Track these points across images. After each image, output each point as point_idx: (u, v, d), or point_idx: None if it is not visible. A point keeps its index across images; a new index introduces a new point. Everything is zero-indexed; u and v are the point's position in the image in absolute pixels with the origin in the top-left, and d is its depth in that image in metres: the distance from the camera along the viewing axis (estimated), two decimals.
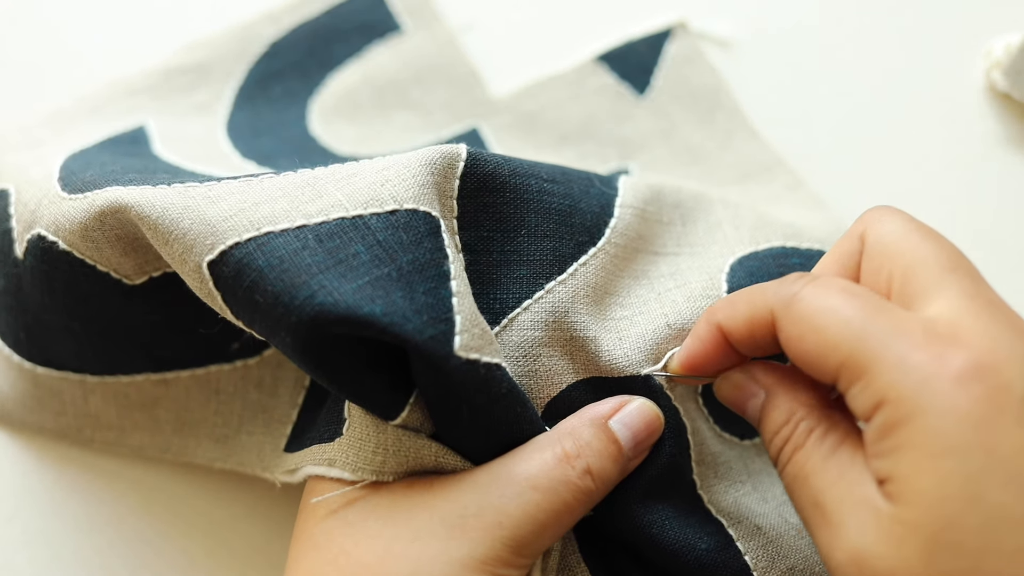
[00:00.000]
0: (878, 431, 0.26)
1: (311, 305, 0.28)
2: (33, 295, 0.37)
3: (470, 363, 0.29)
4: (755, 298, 0.30)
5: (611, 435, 0.31)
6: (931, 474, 0.24)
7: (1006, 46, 0.49)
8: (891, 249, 0.29)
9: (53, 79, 0.48)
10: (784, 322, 0.29)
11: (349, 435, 0.32)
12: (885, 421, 0.26)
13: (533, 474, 0.30)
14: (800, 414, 0.30)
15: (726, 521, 0.34)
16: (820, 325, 0.27)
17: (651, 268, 0.37)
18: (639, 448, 0.32)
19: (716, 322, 0.31)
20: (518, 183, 0.35)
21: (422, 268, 0.30)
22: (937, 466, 0.24)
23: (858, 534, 0.26)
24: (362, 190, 0.32)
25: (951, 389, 0.24)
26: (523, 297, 0.34)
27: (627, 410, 0.32)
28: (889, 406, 0.25)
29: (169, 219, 0.31)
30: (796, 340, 0.28)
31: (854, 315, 0.27)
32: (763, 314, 0.29)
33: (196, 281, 0.31)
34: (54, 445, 0.41)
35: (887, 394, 0.25)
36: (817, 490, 0.27)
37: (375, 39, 0.50)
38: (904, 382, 0.25)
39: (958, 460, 0.24)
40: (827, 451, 0.28)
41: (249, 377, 0.39)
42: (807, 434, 0.29)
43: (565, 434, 0.31)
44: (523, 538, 0.29)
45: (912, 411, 0.25)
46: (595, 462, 0.30)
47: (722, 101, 0.50)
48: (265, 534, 0.40)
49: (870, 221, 0.31)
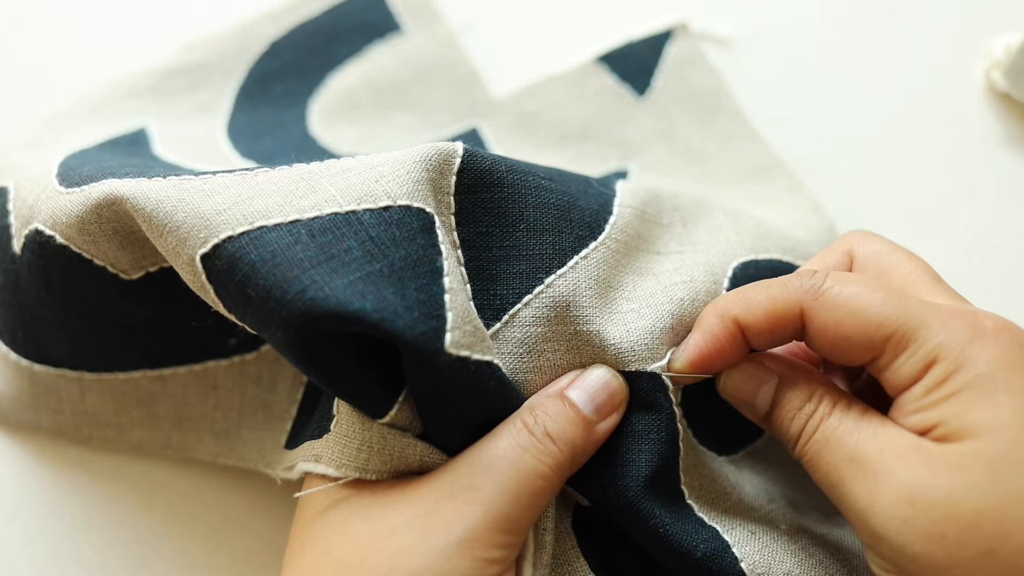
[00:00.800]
0: (927, 387, 0.29)
1: (302, 300, 0.28)
2: (30, 291, 0.37)
3: (460, 360, 0.29)
4: (775, 292, 0.32)
5: (568, 400, 0.32)
6: (988, 408, 0.28)
7: (1006, 46, 0.49)
8: (885, 262, 0.33)
9: (53, 79, 0.48)
10: (817, 311, 0.31)
11: (336, 432, 0.32)
12: (938, 376, 0.29)
13: (498, 446, 0.30)
14: (821, 391, 0.32)
15: (720, 528, 0.34)
16: (858, 307, 0.30)
17: (655, 265, 0.37)
18: (601, 412, 0.32)
19: (732, 316, 0.32)
20: (515, 179, 0.34)
21: (414, 264, 0.30)
22: (993, 401, 0.28)
23: (908, 474, 0.28)
24: (356, 186, 0.31)
25: (992, 343, 0.28)
26: (523, 292, 0.33)
27: (583, 378, 0.33)
28: (941, 363, 0.29)
29: (163, 211, 0.31)
30: (833, 326, 0.30)
31: (888, 296, 0.30)
32: (787, 306, 0.31)
33: (190, 274, 0.31)
34: (53, 444, 0.41)
35: (938, 353, 0.29)
36: (854, 446, 0.29)
37: (375, 39, 0.50)
38: (951, 341, 0.29)
39: (1010, 396, 0.28)
40: (856, 416, 0.30)
41: (247, 373, 0.39)
42: (832, 405, 0.31)
43: (524, 408, 0.32)
44: (500, 511, 0.29)
45: (963, 362, 0.28)
46: (552, 425, 0.31)
47: (722, 103, 0.49)
48: (265, 534, 0.40)
49: (856, 241, 0.35)
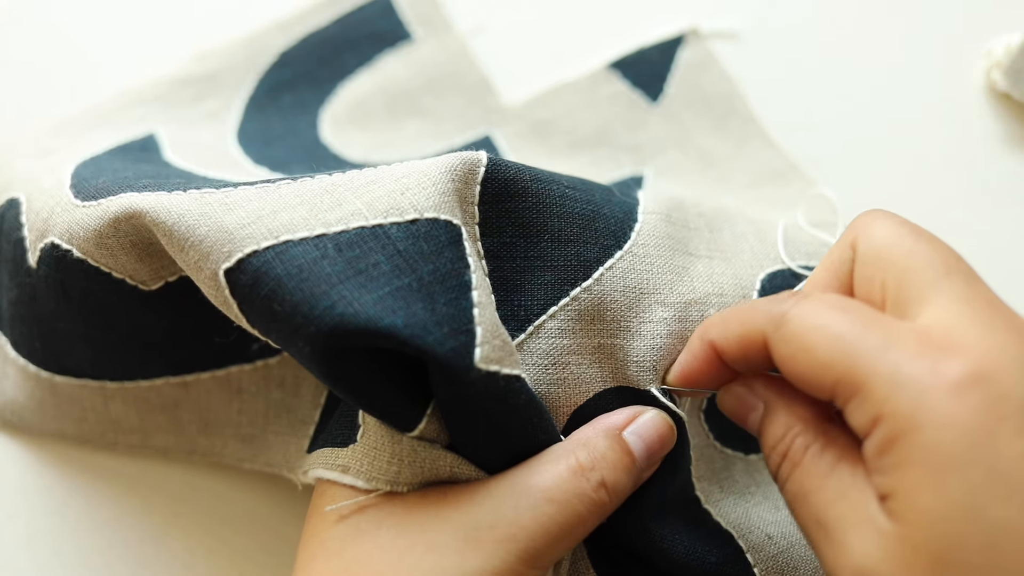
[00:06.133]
0: (877, 447, 0.24)
1: (331, 316, 0.27)
2: (48, 304, 0.35)
3: (490, 375, 0.28)
4: (746, 317, 0.28)
5: (625, 446, 0.30)
6: (932, 491, 0.23)
7: (1006, 46, 0.48)
8: (883, 256, 0.27)
9: (62, 88, 0.47)
10: (776, 343, 0.27)
11: (364, 443, 0.30)
12: (883, 437, 0.24)
13: (548, 486, 0.28)
14: (797, 429, 0.28)
15: (735, 533, 0.33)
16: (811, 344, 0.26)
17: (690, 267, 0.35)
18: (652, 460, 0.31)
19: (709, 339, 0.30)
20: (539, 188, 0.33)
21: (443, 278, 0.28)
22: (937, 482, 0.23)
23: (862, 554, 0.24)
24: (382, 199, 0.30)
25: (948, 401, 0.23)
26: (549, 303, 0.32)
27: (641, 421, 0.31)
28: (886, 422, 0.24)
29: (185, 226, 0.29)
30: (789, 360, 0.26)
31: (845, 331, 0.25)
32: (755, 334, 0.28)
33: (212, 289, 0.29)
34: (53, 444, 0.39)
35: (883, 409, 0.24)
36: (818, 508, 0.26)
37: (386, 48, 0.48)
38: (900, 396, 0.23)
39: (958, 475, 0.22)
40: (826, 468, 0.26)
41: (271, 376, 0.37)
42: (803, 450, 0.27)
43: (579, 445, 0.29)
44: (536, 550, 0.27)
45: (909, 426, 0.23)
46: (609, 475, 0.29)
47: (736, 107, 0.48)
48: (265, 534, 0.38)
49: (860, 227, 0.29)
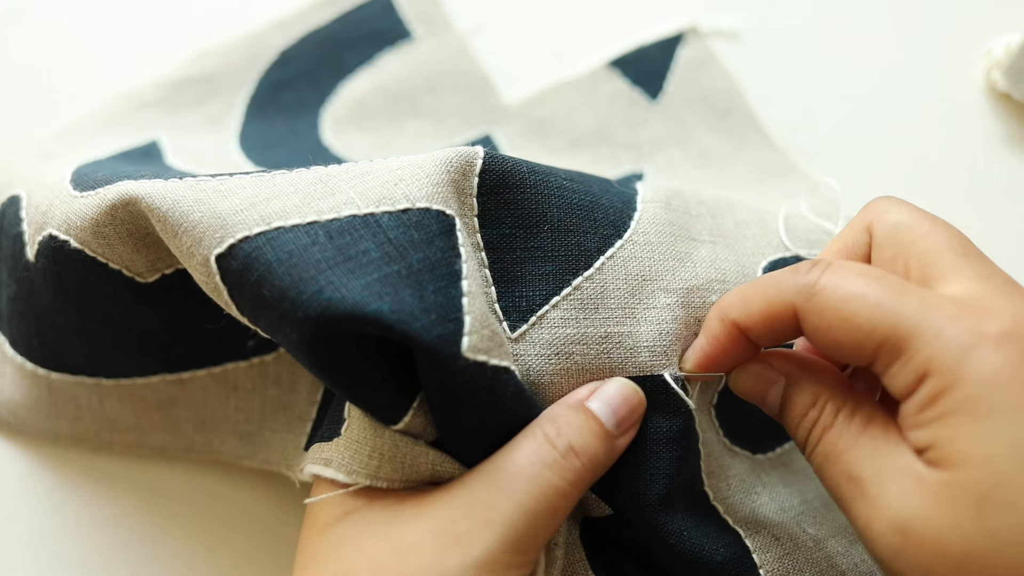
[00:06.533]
0: (920, 404, 0.25)
1: (318, 301, 0.26)
2: (45, 298, 0.35)
3: (477, 365, 0.27)
4: (770, 292, 0.29)
5: (590, 413, 0.30)
6: (978, 436, 0.24)
7: (1006, 46, 0.48)
8: (904, 238, 0.29)
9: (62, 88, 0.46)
10: (809, 314, 0.27)
11: (347, 436, 0.30)
12: (929, 392, 0.25)
13: (517, 462, 0.28)
14: (826, 396, 0.29)
15: (744, 531, 0.33)
16: (849, 312, 0.26)
17: (693, 252, 0.35)
18: (622, 425, 0.30)
19: (731, 319, 0.30)
20: (537, 180, 0.33)
21: (433, 267, 0.28)
22: (984, 428, 0.24)
23: (900, 502, 0.25)
24: (375, 188, 0.30)
25: (991, 355, 0.24)
26: (551, 294, 0.32)
27: (604, 390, 0.31)
28: (932, 378, 0.25)
29: (179, 211, 0.29)
30: (825, 330, 0.27)
31: (882, 297, 0.26)
32: (781, 308, 0.28)
33: (203, 275, 0.29)
34: (53, 446, 0.39)
35: (929, 366, 0.25)
36: (851, 464, 0.26)
37: (386, 46, 0.48)
38: (945, 353, 0.24)
39: (1004, 421, 0.23)
40: (858, 428, 0.27)
41: (266, 374, 0.37)
42: (835, 414, 0.28)
43: (544, 419, 0.29)
44: (517, 532, 0.27)
45: (955, 379, 0.24)
46: (577, 439, 0.28)
47: (735, 105, 0.48)
48: (265, 534, 0.38)
49: (876, 212, 0.30)
